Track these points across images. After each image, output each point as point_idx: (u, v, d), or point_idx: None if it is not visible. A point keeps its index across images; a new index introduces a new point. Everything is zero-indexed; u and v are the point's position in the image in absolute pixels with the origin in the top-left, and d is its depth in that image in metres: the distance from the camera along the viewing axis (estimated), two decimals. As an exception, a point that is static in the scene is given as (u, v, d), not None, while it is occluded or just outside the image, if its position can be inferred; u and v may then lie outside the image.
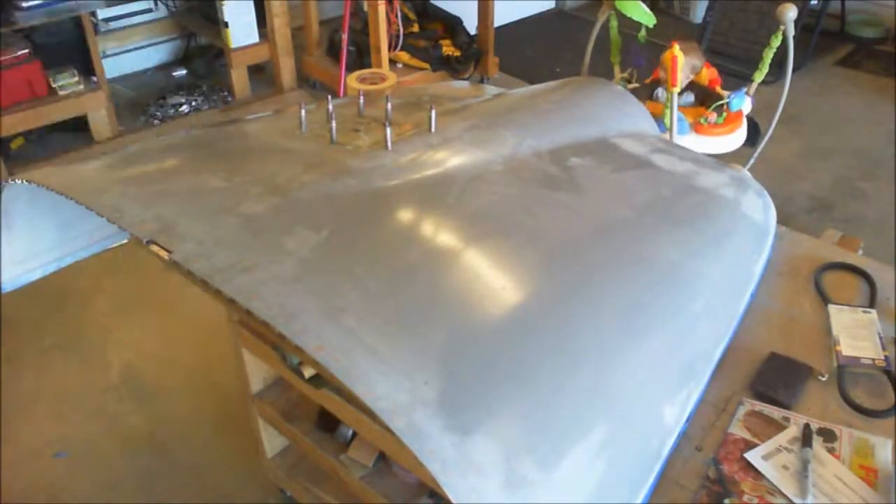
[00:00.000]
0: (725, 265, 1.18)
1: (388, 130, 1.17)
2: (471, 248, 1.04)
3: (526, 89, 1.59)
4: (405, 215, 1.10)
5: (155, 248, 0.94)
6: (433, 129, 1.24)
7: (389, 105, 1.25)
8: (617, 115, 1.47)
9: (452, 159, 1.21)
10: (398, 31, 3.53)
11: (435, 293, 0.95)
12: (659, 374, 0.98)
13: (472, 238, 1.05)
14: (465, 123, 1.30)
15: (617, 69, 2.22)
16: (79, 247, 1.30)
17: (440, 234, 1.07)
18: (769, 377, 1.11)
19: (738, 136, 2.08)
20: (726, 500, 0.93)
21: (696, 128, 2.01)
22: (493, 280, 1.01)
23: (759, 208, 1.30)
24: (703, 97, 2.07)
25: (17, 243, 1.19)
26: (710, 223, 1.22)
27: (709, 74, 2.09)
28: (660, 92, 2.04)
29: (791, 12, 1.91)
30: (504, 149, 1.26)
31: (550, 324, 0.94)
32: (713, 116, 1.99)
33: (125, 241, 1.35)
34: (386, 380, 0.78)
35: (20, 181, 1.04)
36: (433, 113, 1.24)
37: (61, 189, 1.02)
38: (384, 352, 0.82)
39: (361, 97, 1.37)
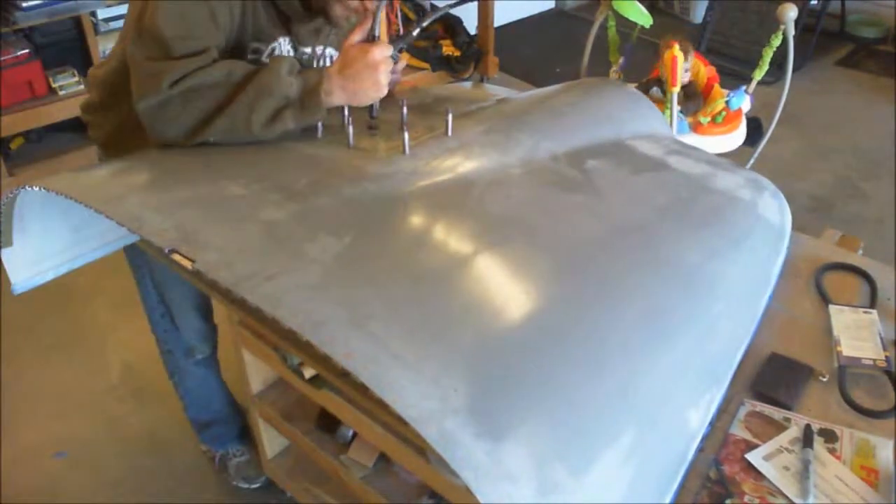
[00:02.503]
0: (744, 267, 1.18)
1: (406, 135, 1.17)
2: (493, 252, 1.03)
3: (538, 91, 1.58)
4: (426, 220, 1.09)
5: (177, 257, 0.94)
6: (450, 133, 1.24)
7: (405, 109, 1.25)
8: (631, 117, 1.47)
9: (470, 163, 1.20)
10: (398, 31, 3.53)
11: (459, 299, 0.94)
12: (683, 377, 0.98)
13: (493, 243, 1.05)
14: (481, 127, 1.30)
15: (615, 67, 2.22)
16: (90, 248, 1.30)
17: (462, 239, 1.06)
18: (770, 378, 1.11)
19: (738, 136, 2.08)
20: (727, 501, 0.93)
21: (696, 127, 2.01)
22: (516, 285, 1.01)
23: (774, 209, 1.30)
24: (690, 93, 2.06)
25: (30, 245, 1.19)
26: (727, 225, 1.22)
27: (707, 72, 2.09)
28: (654, 90, 2.03)
29: (791, 12, 1.91)
30: (521, 152, 1.26)
31: (576, 329, 0.94)
32: (711, 113, 1.99)
33: (135, 241, 1.35)
34: (415, 387, 0.78)
35: (37, 188, 1.03)
36: (450, 116, 1.23)
37: (79, 197, 1.02)
38: (412, 359, 0.81)
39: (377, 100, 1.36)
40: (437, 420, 0.75)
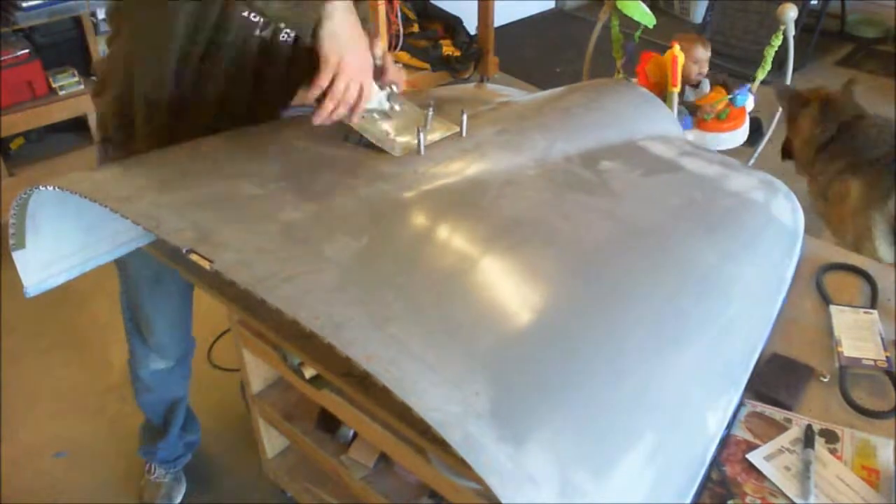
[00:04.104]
0: (759, 269, 1.18)
1: (421, 135, 1.17)
2: (510, 254, 1.03)
3: (549, 92, 1.58)
4: (443, 221, 1.09)
5: (195, 257, 0.93)
6: (464, 133, 1.24)
7: (431, 111, 1.24)
8: (643, 118, 1.47)
9: (485, 163, 1.20)
10: (398, 31, 3.53)
11: (478, 301, 0.94)
12: (702, 380, 0.98)
13: (511, 244, 1.04)
14: (495, 127, 1.30)
15: (619, 67, 2.22)
16: (103, 250, 1.29)
17: (479, 241, 1.06)
18: (771, 378, 1.11)
19: (742, 133, 2.09)
20: (729, 502, 0.93)
21: (700, 124, 2.01)
22: (534, 287, 1.00)
23: (787, 211, 1.30)
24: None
25: (43, 247, 1.18)
26: (742, 227, 1.22)
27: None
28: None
29: (791, 12, 1.92)
30: (535, 152, 1.26)
31: (594, 331, 0.94)
32: (714, 110, 1.99)
33: (149, 242, 1.34)
34: (437, 390, 0.77)
35: (51, 188, 1.03)
36: (464, 117, 1.23)
37: (94, 196, 1.01)
38: (433, 361, 0.81)
39: None
40: (461, 424, 0.75)
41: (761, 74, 2.08)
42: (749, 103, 2.09)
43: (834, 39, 4.33)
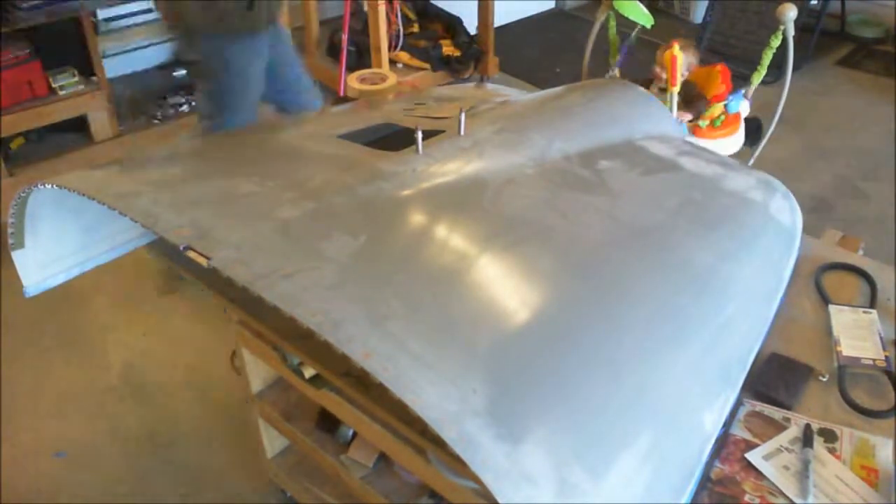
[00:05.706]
0: (757, 268, 1.18)
1: (419, 134, 1.17)
2: (508, 253, 1.03)
3: (547, 92, 1.58)
4: (441, 220, 1.09)
5: (192, 254, 0.93)
6: (462, 132, 1.24)
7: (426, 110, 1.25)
8: (641, 117, 1.47)
9: (484, 162, 1.20)
10: (398, 31, 3.53)
11: (476, 299, 0.94)
12: (698, 379, 0.98)
13: (509, 243, 1.05)
14: (493, 126, 1.30)
15: (612, 66, 2.22)
16: (101, 250, 1.30)
17: (477, 240, 1.06)
18: (770, 378, 1.11)
19: (737, 139, 2.08)
20: (728, 501, 0.93)
21: (694, 130, 2.01)
22: (532, 286, 1.01)
23: (786, 211, 1.30)
24: (690, 96, 2.06)
25: (42, 247, 1.18)
26: (740, 226, 1.23)
27: (720, 88, 2.07)
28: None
29: (791, 12, 1.92)
30: (534, 151, 1.26)
31: (592, 330, 0.94)
32: (705, 119, 1.99)
33: (147, 243, 1.34)
34: (434, 388, 0.77)
35: (51, 185, 1.03)
36: (462, 116, 1.23)
37: (92, 194, 1.01)
38: (431, 360, 0.81)
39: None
40: (458, 422, 0.75)
41: (757, 79, 2.08)
42: (744, 108, 2.09)
43: (834, 39, 4.33)
